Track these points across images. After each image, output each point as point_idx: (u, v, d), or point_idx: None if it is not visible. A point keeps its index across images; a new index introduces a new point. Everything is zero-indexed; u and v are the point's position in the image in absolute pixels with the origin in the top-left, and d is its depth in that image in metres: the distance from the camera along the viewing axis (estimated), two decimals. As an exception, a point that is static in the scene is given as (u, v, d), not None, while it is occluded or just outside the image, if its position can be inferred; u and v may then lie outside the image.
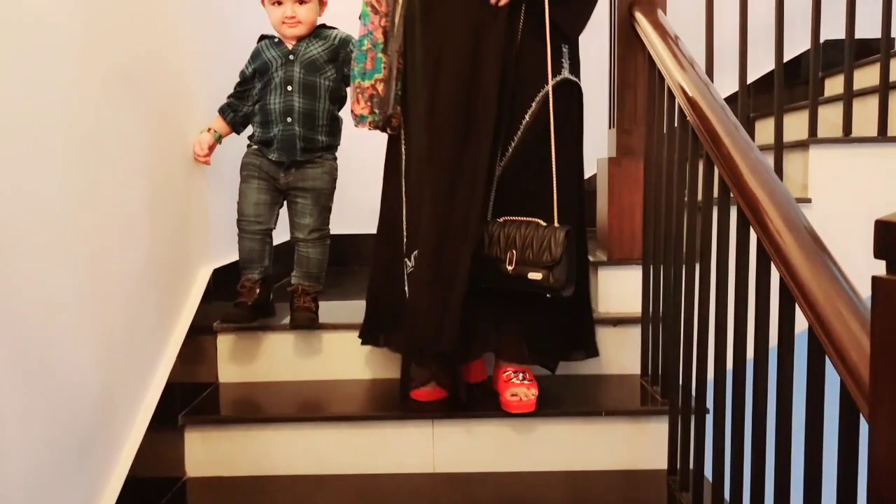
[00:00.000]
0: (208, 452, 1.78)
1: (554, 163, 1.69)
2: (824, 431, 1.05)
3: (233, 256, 2.10)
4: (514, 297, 1.75)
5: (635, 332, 1.97)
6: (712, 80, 2.30)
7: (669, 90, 1.67)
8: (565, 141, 1.73)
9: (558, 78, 1.71)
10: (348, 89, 1.93)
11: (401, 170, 1.81)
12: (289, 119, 1.95)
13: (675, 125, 1.65)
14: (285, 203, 2.06)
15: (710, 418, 1.43)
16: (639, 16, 1.89)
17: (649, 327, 1.88)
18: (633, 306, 2.01)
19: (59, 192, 1.29)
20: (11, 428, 1.13)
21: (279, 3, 1.94)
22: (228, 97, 2.03)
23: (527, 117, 1.71)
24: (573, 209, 1.77)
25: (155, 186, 1.72)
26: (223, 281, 2.08)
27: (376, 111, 1.74)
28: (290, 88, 1.95)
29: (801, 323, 1.06)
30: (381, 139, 1.93)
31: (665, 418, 1.68)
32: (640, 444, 1.77)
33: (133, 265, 1.60)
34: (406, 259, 1.80)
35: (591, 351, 1.90)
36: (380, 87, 1.73)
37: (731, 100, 2.37)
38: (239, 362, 2.02)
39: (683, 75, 1.59)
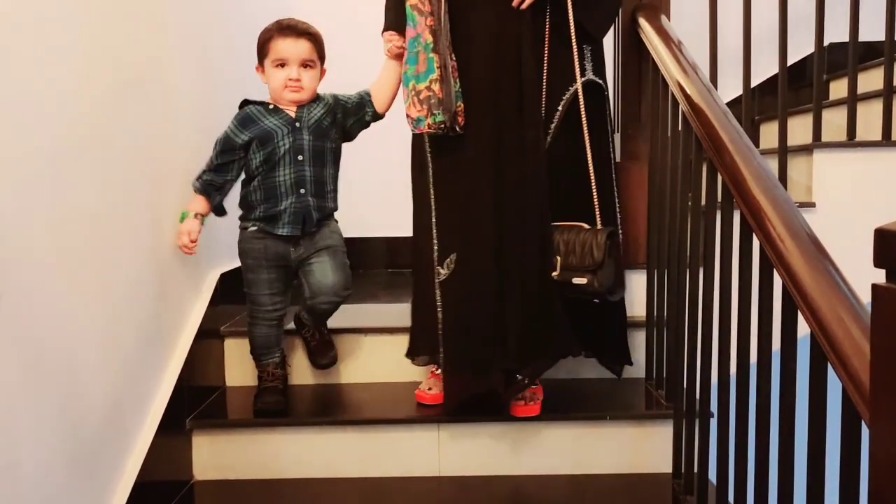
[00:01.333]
0: (216, 456, 1.80)
1: (591, 164, 1.69)
2: (827, 435, 1.06)
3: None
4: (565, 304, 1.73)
5: (640, 337, 1.98)
6: (716, 84, 2.31)
7: (673, 95, 1.68)
8: (596, 142, 1.73)
9: (583, 80, 1.72)
10: (400, 93, 1.83)
11: (427, 172, 1.78)
12: (302, 190, 1.80)
13: (679, 130, 1.66)
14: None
15: (714, 422, 1.44)
16: (642, 21, 1.90)
17: (654, 331, 1.89)
18: (638, 310, 2.02)
19: (70, 202, 1.30)
20: (24, 433, 1.15)
21: (282, 66, 1.78)
22: (205, 172, 1.81)
23: (555, 120, 1.71)
24: (611, 211, 1.79)
25: (161, 194, 1.74)
26: (230, 285, 2.09)
27: (435, 112, 1.68)
28: (300, 158, 1.80)
29: (804, 327, 1.07)
30: (384, 142, 1.94)
31: (669, 422, 1.69)
32: (645, 448, 1.78)
33: (142, 271, 1.61)
34: (438, 266, 1.76)
35: (626, 359, 1.90)
36: (436, 87, 1.68)
37: (735, 103, 2.39)
38: (246, 366, 2.03)
39: (686, 81, 1.60)
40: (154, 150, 1.69)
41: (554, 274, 1.67)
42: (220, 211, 1.85)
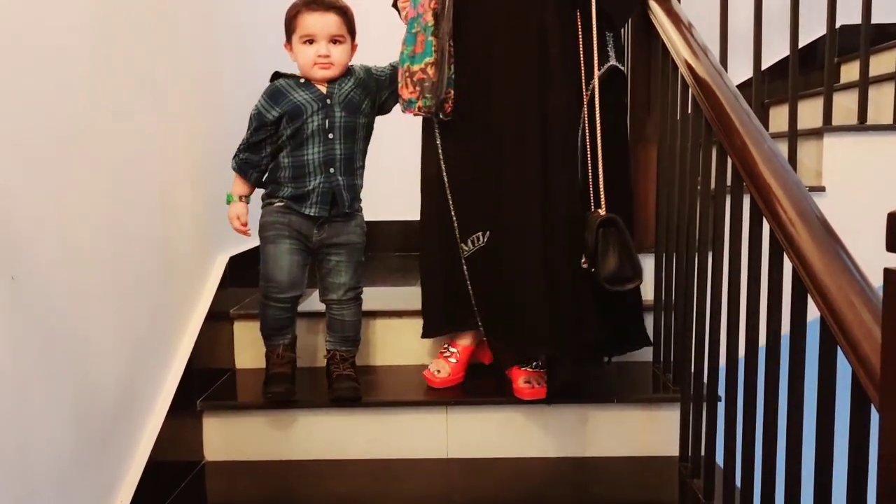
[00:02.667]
0: (226, 437, 1.82)
1: (600, 150, 1.68)
2: (835, 419, 1.07)
3: (248, 243, 2.07)
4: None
5: (647, 320, 1.97)
6: (726, 67, 2.30)
7: (683, 78, 1.67)
8: (616, 129, 1.73)
9: (606, 66, 1.71)
10: (397, 73, 1.79)
11: (437, 155, 1.78)
12: (331, 169, 1.76)
13: (689, 113, 1.65)
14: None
15: (721, 406, 1.44)
16: (652, 3, 1.87)
17: (661, 315, 1.89)
18: (646, 294, 2.01)
19: (80, 186, 1.31)
20: (38, 415, 1.16)
21: (311, 42, 1.74)
22: (241, 151, 1.79)
23: (583, 105, 1.69)
24: (627, 199, 1.80)
25: (171, 178, 1.74)
26: (239, 268, 2.10)
27: (427, 95, 1.67)
28: (331, 136, 1.75)
29: (813, 310, 1.07)
30: (394, 125, 1.93)
31: (677, 405, 1.69)
32: (652, 431, 1.79)
33: (153, 255, 1.62)
34: (462, 244, 1.77)
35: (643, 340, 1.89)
36: (430, 70, 1.66)
37: (745, 86, 2.38)
38: (255, 348, 2.04)
39: (697, 63, 1.58)
40: (164, 133, 1.69)
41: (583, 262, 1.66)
42: (261, 184, 1.83)
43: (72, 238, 1.28)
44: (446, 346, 1.90)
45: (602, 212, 1.65)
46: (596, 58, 1.67)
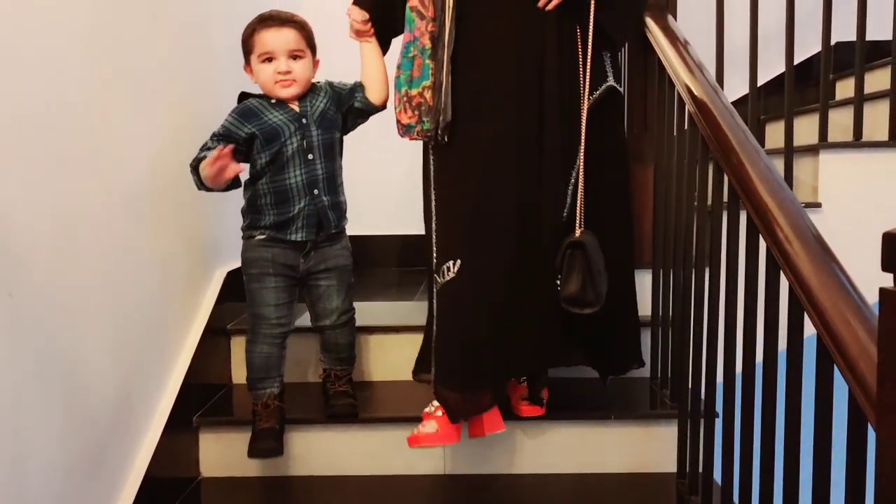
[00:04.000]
0: (223, 453, 1.81)
1: (581, 166, 1.63)
2: (833, 436, 1.07)
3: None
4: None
5: (645, 336, 1.97)
6: (722, 84, 2.31)
7: (679, 95, 1.68)
8: (614, 149, 1.70)
9: (604, 86, 1.67)
10: (392, 98, 1.74)
11: (429, 177, 1.72)
12: (315, 190, 1.69)
13: (685, 130, 1.66)
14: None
15: (719, 422, 1.44)
16: (649, 21, 1.89)
17: (659, 331, 1.89)
18: (643, 310, 2.02)
19: (77, 202, 1.31)
20: (34, 429, 1.16)
21: (270, 60, 1.66)
22: (200, 153, 1.64)
23: (582, 125, 1.63)
24: (627, 219, 1.76)
25: (168, 194, 1.74)
26: (236, 283, 2.09)
27: (425, 120, 1.63)
28: (311, 156, 1.68)
29: (810, 327, 1.07)
30: (393, 139, 1.92)
31: (674, 422, 1.69)
32: (650, 448, 1.79)
33: (150, 271, 1.62)
34: (436, 274, 1.66)
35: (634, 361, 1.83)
36: (427, 94, 1.62)
37: (741, 102, 2.39)
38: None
39: (693, 81, 1.60)
40: (160, 150, 1.70)
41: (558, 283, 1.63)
42: (235, 182, 1.66)
43: (68, 255, 1.28)
44: (430, 404, 1.70)
45: (577, 234, 1.60)
46: (588, 78, 1.63)
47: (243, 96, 1.73)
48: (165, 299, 1.71)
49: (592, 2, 1.60)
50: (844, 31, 2.35)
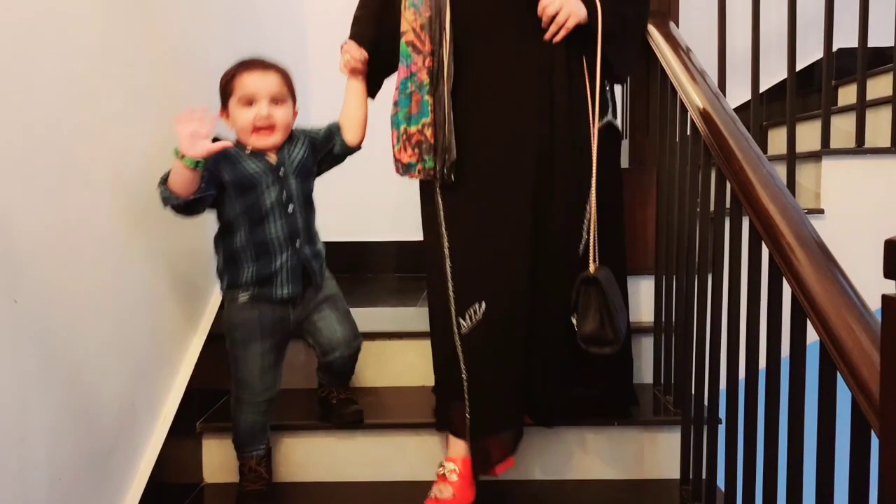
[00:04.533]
0: (225, 459, 1.80)
1: (593, 207, 1.59)
2: (836, 442, 1.07)
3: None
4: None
5: (647, 342, 1.98)
6: (724, 90, 2.32)
7: (681, 102, 1.69)
8: (612, 186, 1.67)
9: (605, 120, 1.64)
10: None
11: (438, 210, 1.63)
12: (297, 243, 1.61)
13: (687, 137, 1.67)
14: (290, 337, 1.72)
15: (722, 429, 1.44)
16: (651, 28, 1.90)
17: (662, 337, 1.89)
18: (646, 316, 2.02)
19: (81, 207, 1.32)
20: (37, 437, 1.16)
21: (250, 104, 1.56)
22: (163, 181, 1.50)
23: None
24: (622, 256, 1.74)
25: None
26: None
27: (426, 157, 1.56)
28: (290, 209, 1.59)
29: (812, 333, 1.07)
30: (386, 147, 1.90)
31: (677, 428, 1.69)
32: (653, 454, 1.78)
33: (153, 276, 1.62)
34: (460, 318, 1.59)
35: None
36: (428, 131, 1.55)
37: (743, 108, 2.40)
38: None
39: (695, 88, 1.60)
40: (164, 156, 1.70)
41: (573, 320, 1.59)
42: (194, 206, 1.51)
43: (72, 262, 1.28)
44: (441, 464, 1.65)
45: (591, 269, 1.56)
46: (598, 111, 1.60)
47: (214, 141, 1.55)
48: (168, 305, 1.71)
49: (600, 35, 1.57)
50: (846, 37, 2.36)
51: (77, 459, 1.28)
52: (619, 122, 1.74)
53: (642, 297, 2.04)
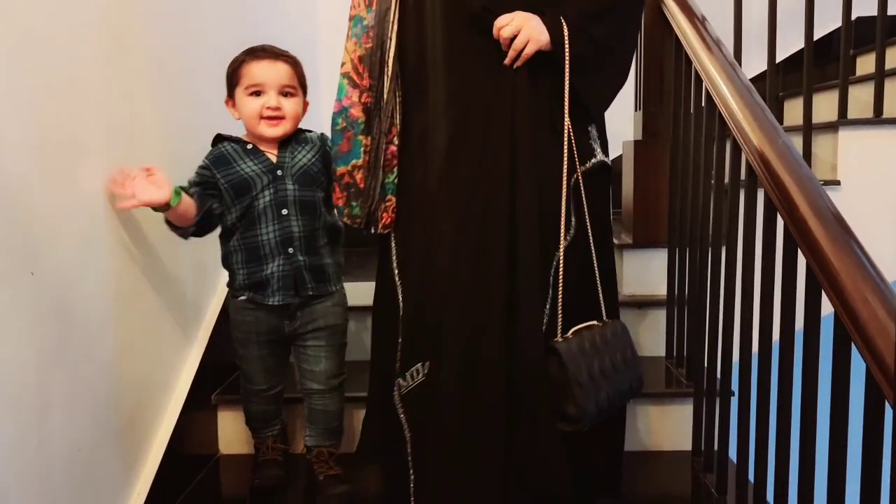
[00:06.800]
0: (240, 431, 1.82)
1: (594, 255, 1.42)
2: (849, 415, 1.06)
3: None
4: None
5: (660, 315, 1.98)
6: (740, 61, 2.29)
7: (696, 72, 1.66)
8: (600, 233, 1.44)
9: (591, 162, 1.42)
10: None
11: (392, 267, 1.47)
12: (290, 249, 1.52)
13: (702, 108, 1.65)
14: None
15: (735, 400, 1.44)
16: (666, -3, 1.87)
17: (675, 310, 1.89)
18: (658, 289, 2.02)
19: (99, 182, 1.32)
20: (57, 411, 1.18)
21: (258, 94, 1.51)
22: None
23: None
24: (615, 305, 1.53)
25: (185, 175, 1.75)
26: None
27: (353, 203, 1.43)
28: (285, 212, 1.51)
29: (827, 306, 1.07)
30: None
31: (690, 400, 1.69)
32: (665, 426, 1.79)
33: (167, 250, 1.63)
34: (400, 378, 1.44)
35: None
36: (358, 174, 1.41)
37: (759, 79, 2.36)
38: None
39: (710, 58, 1.58)
40: (173, 133, 1.71)
41: None
42: (206, 223, 1.53)
43: (89, 236, 1.29)
44: None
45: (557, 338, 1.36)
46: (567, 156, 1.36)
47: (218, 139, 1.58)
48: (184, 278, 1.72)
49: (567, 64, 1.35)
50: (865, 5, 2.31)
51: (95, 432, 1.30)
52: (609, 158, 1.49)
53: (654, 270, 2.03)
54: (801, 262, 1.15)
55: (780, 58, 2.42)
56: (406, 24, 1.42)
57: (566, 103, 1.36)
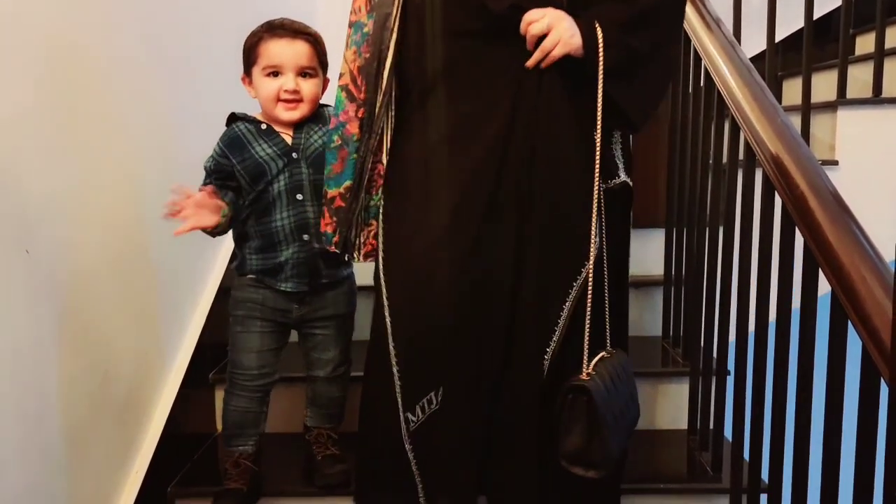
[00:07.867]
0: (238, 409, 1.84)
1: (606, 283, 1.31)
2: (845, 393, 1.07)
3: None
4: None
5: (657, 295, 1.98)
6: (739, 39, 2.27)
7: (695, 51, 1.65)
8: (621, 256, 1.37)
9: (614, 182, 1.32)
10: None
11: (383, 301, 1.33)
12: (305, 236, 1.46)
13: (701, 87, 1.64)
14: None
15: (730, 380, 1.45)
16: (666, -26, 1.85)
17: (671, 290, 1.89)
18: (655, 269, 2.02)
19: (93, 162, 1.31)
20: (55, 384, 1.18)
21: (275, 74, 1.43)
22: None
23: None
24: (624, 333, 1.44)
25: (186, 149, 1.74)
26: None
27: (343, 230, 1.34)
28: (300, 197, 1.45)
29: (823, 286, 1.07)
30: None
31: (686, 379, 1.70)
32: (661, 405, 1.80)
33: (164, 228, 1.63)
34: (409, 412, 1.29)
35: None
36: (350, 196, 1.33)
37: (758, 58, 2.35)
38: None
39: (709, 36, 1.57)
40: (177, 109, 1.69)
41: None
42: (228, 225, 1.47)
43: (83, 215, 1.29)
44: None
45: (583, 375, 1.23)
46: (599, 167, 1.23)
47: (232, 118, 1.50)
48: (180, 257, 1.72)
49: (601, 69, 1.21)
50: (866, -17, 2.30)
51: (93, 408, 1.30)
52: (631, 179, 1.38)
53: (652, 251, 2.03)
54: (798, 242, 1.15)
55: (779, 37, 2.40)
56: (408, 33, 1.28)
57: (598, 116, 1.22)
